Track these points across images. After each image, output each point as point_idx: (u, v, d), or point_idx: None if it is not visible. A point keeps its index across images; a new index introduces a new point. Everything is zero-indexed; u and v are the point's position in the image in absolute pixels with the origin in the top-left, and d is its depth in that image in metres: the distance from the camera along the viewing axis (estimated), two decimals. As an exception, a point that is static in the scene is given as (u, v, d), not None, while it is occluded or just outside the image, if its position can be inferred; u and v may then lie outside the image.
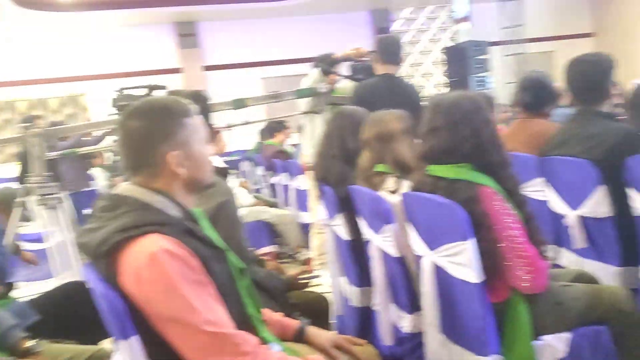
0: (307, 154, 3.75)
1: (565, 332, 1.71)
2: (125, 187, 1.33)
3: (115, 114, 2.80)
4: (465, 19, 10.61)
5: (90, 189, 5.88)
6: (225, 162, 4.60)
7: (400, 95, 3.38)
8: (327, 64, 3.50)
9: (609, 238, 2.22)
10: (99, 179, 6.68)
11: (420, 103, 3.48)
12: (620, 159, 2.11)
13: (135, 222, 1.22)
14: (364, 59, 3.73)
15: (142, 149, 1.31)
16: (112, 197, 1.32)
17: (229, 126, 3.35)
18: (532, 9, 10.98)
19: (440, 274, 1.74)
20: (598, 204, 2.18)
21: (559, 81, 2.77)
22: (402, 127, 2.21)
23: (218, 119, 2.52)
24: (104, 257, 1.21)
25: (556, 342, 1.70)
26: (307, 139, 3.76)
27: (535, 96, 2.81)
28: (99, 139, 5.46)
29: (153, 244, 1.19)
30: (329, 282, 2.80)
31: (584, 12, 12.06)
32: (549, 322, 1.71)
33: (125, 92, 2.78)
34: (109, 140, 5.03)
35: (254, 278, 1.71)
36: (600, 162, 2.17)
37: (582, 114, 2.41)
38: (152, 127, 1.30)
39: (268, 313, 1.60)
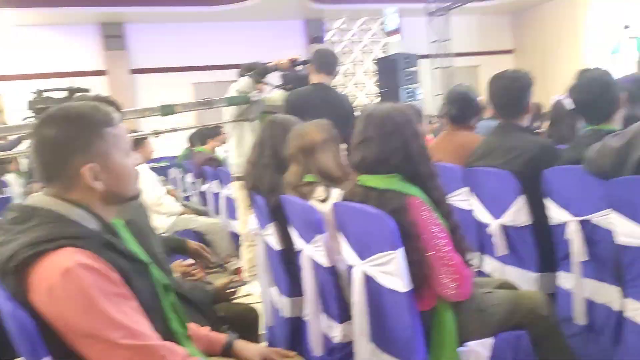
0: (235, 162, 3.69)
1: (488, 337, 1.77)
2: (38, 198, 1.24)
3: (32, 117, 2.63)
4: (395, 31, 10.90)
5: (3, 196, 5.53)
6: (153, 169, 4.46)
7: (333, 104, 3.41)
8: (258, 72, 3.46)
9: (528, 246, 2.32)
10: (14, 185, 6.29)
11: (353, 112, 3.52)
12: (537, 171, 2.22)
13: (48, 235, 1.14)
14: (298, 68, 3.72)
15: (55, 160, 1.22)
16: (23, 209, 1.22)
17: (157, 133, 3.25)
18: (459, 25, 11.44)
19: (370, 283, 1.75)
20: (518, 213, 2.28)
21: (482, 95, 2.89)
22: (324, 138, 2.22)
23: (145, 125, 2.43)
24: (13, 273, 1.12)
25: (480, 348, 1.75)
26: (234, 147, 3.70)
27: (460, 109, 2.91)
28: (14, 143, 5.15)
29: (67, 258, 1.11)
30: (259, 292, 2.76)
31: (506, 30, 12.72)
32: (473, 328, 1.76)
33: (44, 94, 2.62)
34: (25, 145, 4.74)
35: (179, 291, 1.65)
36: (520, 173, 2.27)
37: (503, 127, 2.52)
38: (66, 137, 1.21)
39: (194, 328, 1.54)
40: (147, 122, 4.14)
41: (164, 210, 4.33)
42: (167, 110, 2.98)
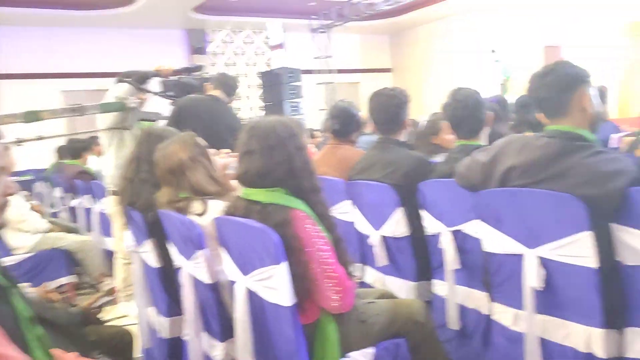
0: (112, 174, 3.44)
1: (369, 347, 1.80)
2: None
3: None
4: (279, 45, 11.01)
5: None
6: (16, 182, 4.06)
7: (223, 115, 3.37)
8: (137, 78, 3.30)
9: (406, 256, 2.42)
10: None
11: (240, 125, 3.48)
12: (414, 183, 2.33)
13: None
14: (181, 76, 3.61)
15: None
16: None
17: (19, 141, 2.95)
18: (341, 42, 11.82)
19: (253, 298, 1.71)
20: (397, 224, 2.37)
21: (363, 110, 2.98)
22: (190, 155, 2.11)
23: (7, 132, 2.18)
24: None
25: (361, 358, 1.77)
26: (112, 158, 3.47)
27: (343, 124, 2.97)
28: None
29: None
30: (135, 313, 2.59)
31: (385, 49, 13.37)
32: (355, 339, 1.78)
33: None
34: None
35: (42, 316, 1.49)
36: (398, 186, 2.37)
37: (382, 142, 2.61)
38: None
39: (59, 354, 1.40)
40: (11, 131, 3.77)
41: (27, 228, 3.97)
42: (31, 117, 2.72)
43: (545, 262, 1.72)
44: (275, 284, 1.59)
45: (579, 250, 1.62)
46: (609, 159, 1.67)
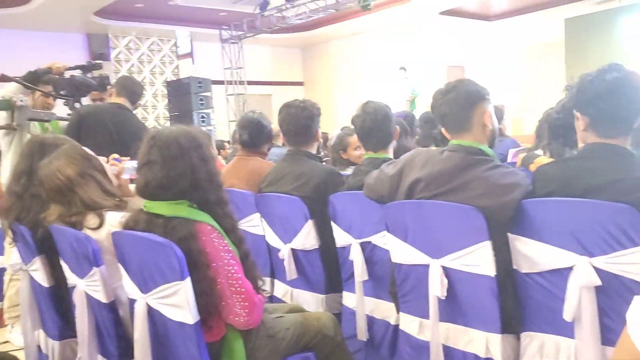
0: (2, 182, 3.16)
1: (278, 362, 1.76)
2: None
3: None
4: (188, 54, 10.78)
5: None
6: None
7: (125, 125, 3.21)
8: (26, 77, 3.07)
9: (316, 268, 2.41)
10: None
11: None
12: (324, 196, 2.33)
13: None
14: (74, 74, 3.40)
15: None
16: None
17: None
18: (253, 54, 11.78)
19: (154, 317, 1.62)
20: (307, 237, 2.35)
21: (274, 123, 2.96)
22: (78, 170, 1.95)
23: None
24: None
25: (270, 375, 1.73)
26: (7, 163, 3.18)
27: (252, 135, 2.93)
28: None
29: None
30: (21, 337, 2.38)
31: (297, 62, 13.50)
32: (263, 354, 1.74)
33: None
34: None
35: None
36: (308, 199, 2.36)
37: (293, 154, 2.60)
38: None
39: None
40: None
41: None
42: None
43: (448, 272, 1.78)
44: (179, 301, 1.52)
45: (478, 259, 1.69)
46: (505, 172, 1.76)
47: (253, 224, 2.65)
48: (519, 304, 1.74)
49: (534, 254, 1.66)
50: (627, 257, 1.48)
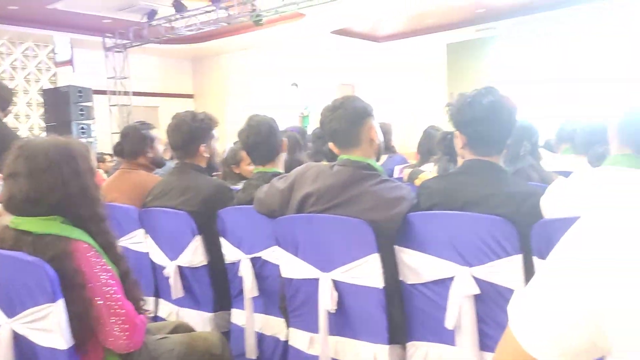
0: None
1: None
2: None
3: None
4: (68, 62, 10.11)
5: None
6: None
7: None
8: None
9: (204, 286, 2.32)
10: None
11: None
12: (213, 210, 2.26)
13: None
14: None
15: None
16: None
17: None
18: (139, 64, 11.30)
19: (22, 344, 1.47)
20: (194, 253, 2.27)
21: (162, 136, 2.82)
22: None
23: None
24: None
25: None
26: None
27: (135, 147, 2.77)
28: None
29: None
30: None
31: (187, 74, 13.16)
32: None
33: None
34: None
35: None
36: (196, 213, 2.28)
37: (180, 168, 2.50)
38: None
39: None
40: None
41: None
42: None
43: (338, 285, 1.79)
44: (50, 325, 1.39)
45: (367, 271, 1.72)
46: (392, 186, 1.82)
47: (136, 240, 2.51)
48: (405, 314, 1.80)
49: (418, 265, 1.72)
50: (501, 267, 1.58)
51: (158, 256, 2.42)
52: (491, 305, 1.61)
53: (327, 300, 1.77)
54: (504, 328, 0.69)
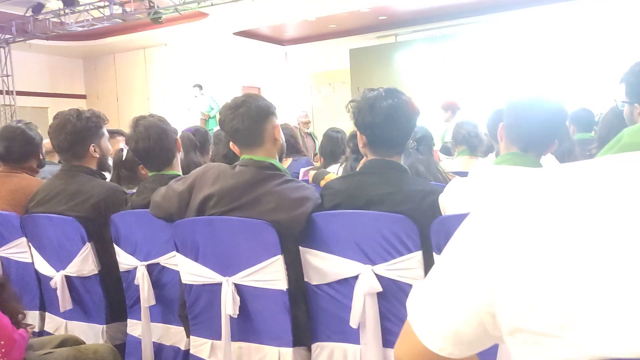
0: None
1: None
2: None
3: None
4: None
5: None
6: None
7: None
8: None
9: (96, 296, 2.16)
10: None
11: None
12: (105, 216, 2.11)
13: None
14: None
15: None
16: None
17: None
18: (24, 62, 10.50)
19: None
20: (84, 262, 2.10)
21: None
22: None
23: None
24: None
25: None
26: None
27: (15, 148, 2.52)
28: None
29: None
30: None
31: (79, 74, 12.39)
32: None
33: None
34: None
35: None
36: (87, 219, 2.11)
37: (68, 170, 2.31)
38: None
39: None
40: None
41: None
42: None
43: (241, 289, 1.73)
44: None
45: (271, 274, 1.68)
46: (296, 186, 1.78)
47: (18, 250, 2.29)
48: (310, 315, 1.77)
49: (323, 266, 1.70)
50: (403, 264, 1.60)
51: (43, 266, 2.23)
52: (394, 302, 1.63)
53: (229, 306, 1.71)
54: (406, 324, 0.68)
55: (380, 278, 1.62)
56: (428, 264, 1.57)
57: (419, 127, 3.01)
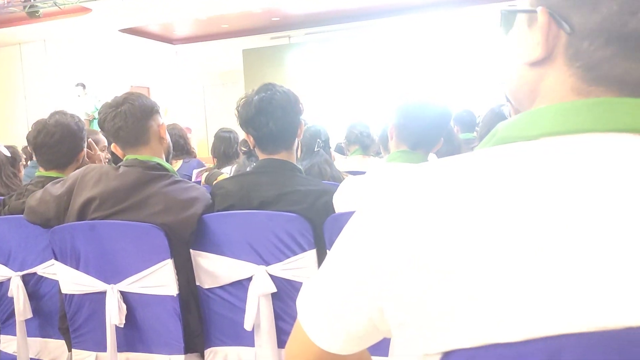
0: None
1: None
2: None
3: None
4: None
5: None
6: None
7: None
8: None
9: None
10: None
11: None
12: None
13: None
14: None
15: None
16: None
17: None
18: None
19: None
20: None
21: None
22: None
23: None
24: None
25: None
26: None
27: None
28: None
29: None
30: None
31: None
32: None
33: None
34: None
35: None
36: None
37: None
38: None
39: None
40: None
41: None
42: None
43: (127, 296, 1.64)
44: None
45: (160, 279, 1.61)
46: (185, 187, 1.72)
47: None
48: (202, 320, 1.72)
49: (215, 269, 1.66)
50: (297, 263, 1.59)
51: None
52: (288, 302, 1.62)
53: (114, 315, 1.61)
54: (300, 323, 0.68)
55: (274, 278, 1.61)
56: (322, 263, 1.58)
57: (320, 127, 3.06)
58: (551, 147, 0.54)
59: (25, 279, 1.88)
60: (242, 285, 1.64)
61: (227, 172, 3.05)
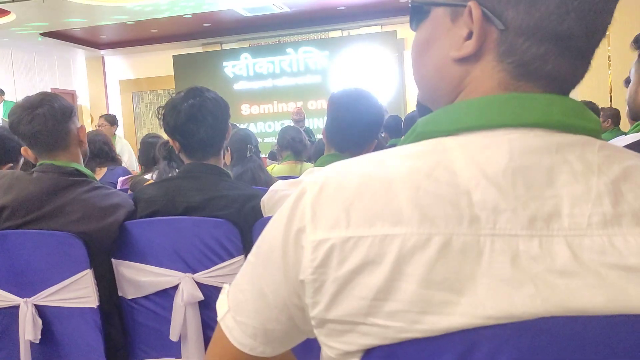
0: None
1: None
2: None
3: None
4: None
5: None
6: None
7: None
8: None
9: None
10: None
11: None
12: None
13: None
14: None
15: None
16: None
17: None
18: None
19: None
20: None
21: None
22: None
23: None
24: None
25: None
26: None
27: None
28: None
29: None
30: None
31: None
32: None
33: None
34: None
35: None
36: None
37: None
38: None
39: None
40: None
41: None
42: None
43: (43, 310, 1.54)
44: None
45: (78, 291, 1.52)
46: (106, 194, 1.64)
47: None
48: (126, 333, 1.64)
49: (139, 278, 1.59)
50: (225, 269, 1.56)
51: None
52: (216, 310, 1.58)
53: (29, 330, 1.51)
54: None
55: (201, 286, 1.56)
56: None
57: (249, 131, 3.01)
58: (461, 143, 0.54)
59: None
60: (167, 294, 1.58)
61: (149, 178, 2.95)
